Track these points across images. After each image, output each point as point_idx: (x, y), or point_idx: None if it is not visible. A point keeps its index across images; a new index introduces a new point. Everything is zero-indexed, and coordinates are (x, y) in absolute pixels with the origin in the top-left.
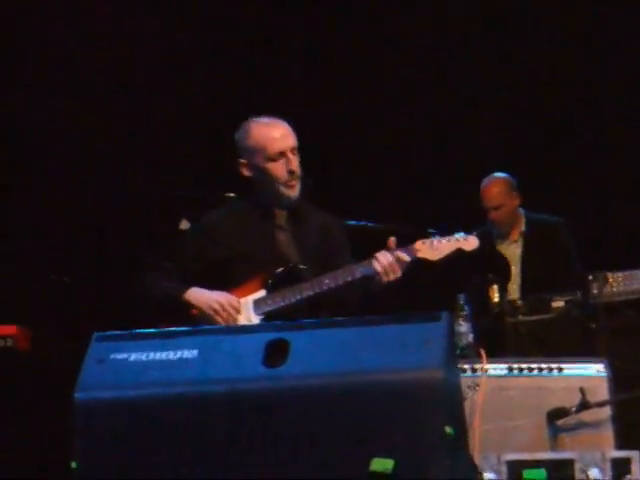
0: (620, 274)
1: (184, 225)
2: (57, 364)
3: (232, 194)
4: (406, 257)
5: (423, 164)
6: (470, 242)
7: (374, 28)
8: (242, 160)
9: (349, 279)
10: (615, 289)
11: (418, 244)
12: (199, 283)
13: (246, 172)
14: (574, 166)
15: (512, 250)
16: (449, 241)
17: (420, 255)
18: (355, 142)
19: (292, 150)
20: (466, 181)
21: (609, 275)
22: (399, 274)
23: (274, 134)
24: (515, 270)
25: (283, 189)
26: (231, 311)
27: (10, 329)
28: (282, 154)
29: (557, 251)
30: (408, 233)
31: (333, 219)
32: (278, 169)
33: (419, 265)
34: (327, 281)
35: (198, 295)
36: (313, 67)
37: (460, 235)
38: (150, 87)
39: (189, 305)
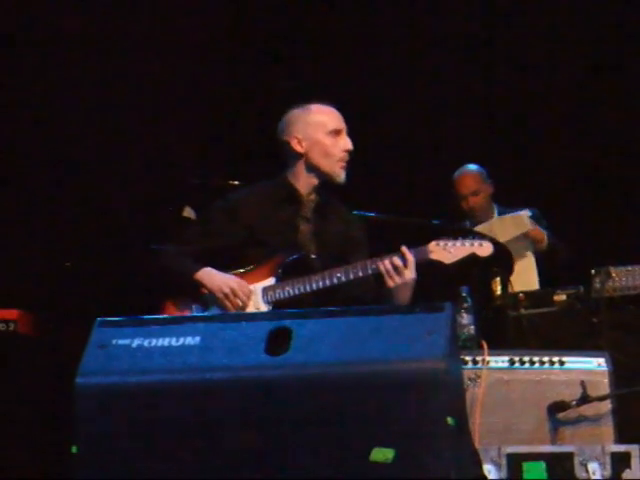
0: (623, 269)
1: (187, 212)
2: (59, 349)
3: (236, 182)
4: (399, 262)
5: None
6: (485, 248)
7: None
8: (297, 135)
9: (360, 274)
10: (618, 284)
11: (432, 245)
12: (213, 262)
13: (299, 147)
14: (576, 161)
15: None
16: (463, 245)
17: (434, 257)
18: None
19: (347, 134)
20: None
21: (612, 270)
22: (407, 277)
23: (335, 112)
24: None
25: (335, 167)
26: (242, 297)
27: (12, 313)
28: (340, 132)
29: None
30: (418, 226)
31: (354, 216)
32: (336, 144)
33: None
34: (338, 274)
35: (211, 276)
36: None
37: (475, 240)
38: (155, 73)
39: (200, 285)
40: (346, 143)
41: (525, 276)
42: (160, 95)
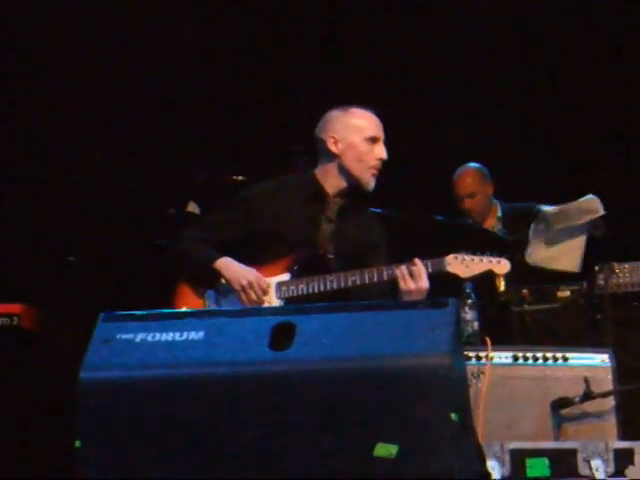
0: (626, 265)
1: (191, 207)
2: (62, 343)
3: (240, 177)
4: (415, 269)
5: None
6: (502, 266)
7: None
8: (334, 135)
9: (375, 279)
10: (621, 280)
11: (450, 258)
12: (232, 252)
13: (334, 148)
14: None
15: None
16: (481, 261)
17: (450, 269)
18: None
19: (384, 143)
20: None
21: (615, 266)
22: (420, 285)
23: (375, 119)
24: None
25: (366, 174)
26: (258, 291)
27: (15, 308)
28: (377, 140)
29: None
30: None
31: (378, 221)
32: (371, 151)
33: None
34: (353, 277)
35: (230, 267)
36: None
37: (494, 256)
38: (160, 71)
39: (218, 274)
40: (381, 152)
41: (572, 257)
42: (163, 91)
